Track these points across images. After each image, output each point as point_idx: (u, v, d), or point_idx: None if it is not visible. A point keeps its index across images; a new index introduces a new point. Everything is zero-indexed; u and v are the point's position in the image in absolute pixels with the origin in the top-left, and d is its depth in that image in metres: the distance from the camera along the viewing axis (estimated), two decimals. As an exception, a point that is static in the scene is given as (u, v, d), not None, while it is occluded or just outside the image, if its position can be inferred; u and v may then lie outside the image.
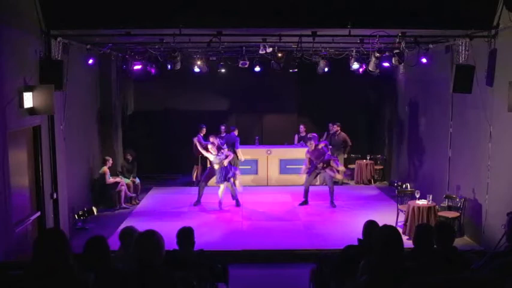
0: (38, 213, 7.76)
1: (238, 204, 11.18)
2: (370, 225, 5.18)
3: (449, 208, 9.26)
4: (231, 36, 8.94)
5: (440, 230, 4.52)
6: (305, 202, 11.23)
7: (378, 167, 14.12)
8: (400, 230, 4.79)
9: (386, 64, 10.37)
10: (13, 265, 5.31)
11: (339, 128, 13.56)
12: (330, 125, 13.73)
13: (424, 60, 9.51)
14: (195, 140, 11.89)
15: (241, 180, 11.54)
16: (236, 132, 13.20)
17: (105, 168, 11.25)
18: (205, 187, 11.33)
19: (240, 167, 13.34)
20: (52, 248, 3.32)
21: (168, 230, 4.92)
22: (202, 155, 11.82)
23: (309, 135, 12.00)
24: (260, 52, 9.85)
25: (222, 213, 10.78)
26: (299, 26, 8.28)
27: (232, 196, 11.23)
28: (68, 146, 8.98)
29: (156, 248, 3.42)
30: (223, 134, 13.76)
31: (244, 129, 15.22)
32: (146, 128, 14.20)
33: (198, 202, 11.31)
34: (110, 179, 11.29)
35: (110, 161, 11.46)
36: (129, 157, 12.22)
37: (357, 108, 14.78)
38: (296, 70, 12.72)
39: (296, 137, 14.10)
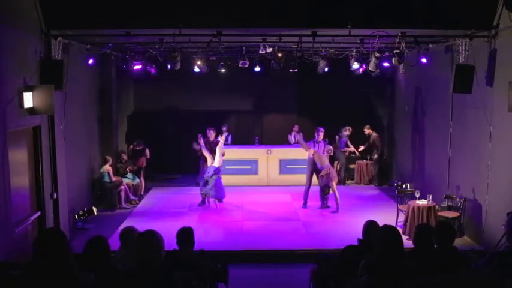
0: (38, 213, 7.76)
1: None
2: (370, 225, 5.18)
3: (449, 208, 9.26)
4: (231, 36, 8.93)
5: (440, 230, 4.52)
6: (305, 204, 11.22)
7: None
8: (400, 230, 4.79)
9: (386, 64, 10.37)
10: (13, 265, 5.31)
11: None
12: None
13: (424, 60, 9.51)
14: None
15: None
16: (346, 134, 13.39)
17: (107, 167, 11.27)
18: None
19: (240, 167, 13.37)
20: (52, 248, 3.32)
21: (168, 230, 4.92)
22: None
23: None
24: (260, 52, 9.85)
25: (222, 213, 10.78)
26: (299, 26, 8.28)
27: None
28: (68, 146, 8.98)
29: (156, 248, 3.42)
30: (228, 135, 13.80)
31: (244, 129, 15.25)
32: (146, 128, 14.19)
33: (203, 203, 11.33)
34: (113, 178, 11.34)
35: (110, 161, 11.49)
36: (124, 157, 12.25)
37: (357, 108, 14.77)
38: (296, 70, 12.72)
39: (289, 136, 14.10)
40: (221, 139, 11.13)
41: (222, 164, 11.12)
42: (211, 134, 11.46)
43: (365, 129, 13.79)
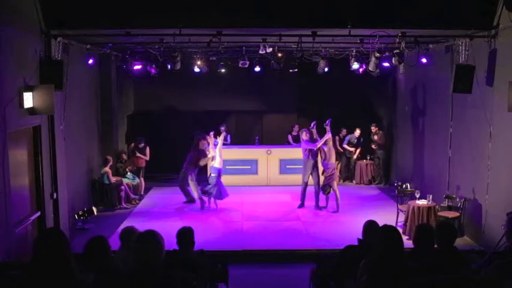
0: (38, 213, 7.76)
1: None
2: (370, 225, 5.18)
3: (449, 208, 9.26)
4: (231, 36, 8.93)
5: (440, 230, 4.51)
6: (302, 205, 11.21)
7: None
8: (400, 230, 4.79)
9: (386, 64, 10.36)
10: (13, 265, 5.32)
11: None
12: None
13: (424, 60, 9.52)
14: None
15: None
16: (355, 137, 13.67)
17: (107, 169, 11.25)
18: None
19: (240, 167, 13.36)
20: (52, 248, 3.32)
21: (168, 230, 4.92)
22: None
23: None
24: (260, 52, 9.85)
25: (221, 213, 10.78)
26: (299, 26, 8.28)
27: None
28: (68, 146, 8.98)
29: (155, 248, 3.42)
30: (227, 135, 13.78)
31: (244, 129, 15.24)
32: (146, 128, 14.19)
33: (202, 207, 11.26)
34: (113, 179, 11.34)
35: (111, 161, 11.48)
36: (124, 157, 12.25)
37: (357, 108, 14.79)
38: (296, 70, 12.72)
39: (290, 137, 14.11)
40: (219, 140, 11.07)
41: (223, 165, 11.09)
42: (203, 142, 11.27)
43: (372, 128, 13.79)
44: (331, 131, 10.97)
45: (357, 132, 13.96)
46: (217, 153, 10.90)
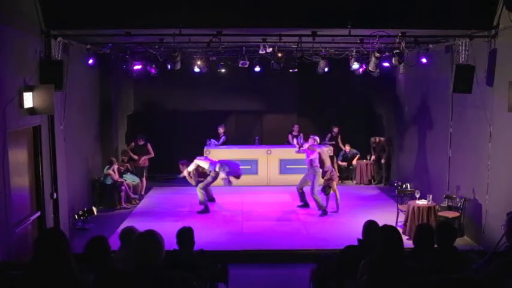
0: (38, 213, 7.76)
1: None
2: (370, 225, 5.17)
3: (449, 208, 9.26)
4: (231, 36, 8.94)
5: (440, 230, 4.51)
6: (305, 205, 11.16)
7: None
8: (400, 230, 4.79)
9: (386, 64, 10.36)
10: (13, 265, 5.31)
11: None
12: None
13: (424, 60, 9.52)
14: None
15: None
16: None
17: (110, 171, 11.23)
18: None
19: (240, 167, 13.36)
20: (52, 248, 3.32)
21: (168, 230, 4.92)
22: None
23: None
24: (260, 52, 9.85)
25: (222, 213, 10.78)
26: (299, 26, 8.29)
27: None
28: (68, 146, 8.98)
29: (155, 248, 3.42)
30: (222, 136, 13.76)
31: (244, 129, 15.24)
32: (146, 128, 14.19)
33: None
34: (116, 176, 11.35)
35: (116, 163, 11.48)
36: (125, 159, 12.24)
37: (357, 108, 14.79)
38: (296, 70, 12.73)
39: (290, 136, 14.10)
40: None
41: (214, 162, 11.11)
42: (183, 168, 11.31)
43: (372, 139, 13.79)
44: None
45: (347, 148, 14.10)
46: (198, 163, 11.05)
